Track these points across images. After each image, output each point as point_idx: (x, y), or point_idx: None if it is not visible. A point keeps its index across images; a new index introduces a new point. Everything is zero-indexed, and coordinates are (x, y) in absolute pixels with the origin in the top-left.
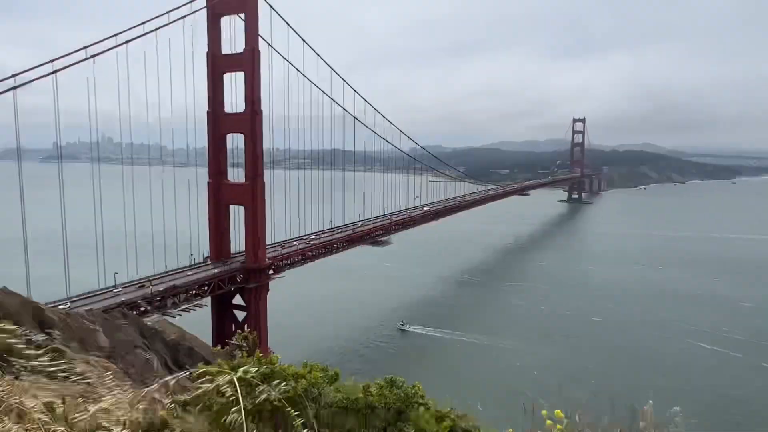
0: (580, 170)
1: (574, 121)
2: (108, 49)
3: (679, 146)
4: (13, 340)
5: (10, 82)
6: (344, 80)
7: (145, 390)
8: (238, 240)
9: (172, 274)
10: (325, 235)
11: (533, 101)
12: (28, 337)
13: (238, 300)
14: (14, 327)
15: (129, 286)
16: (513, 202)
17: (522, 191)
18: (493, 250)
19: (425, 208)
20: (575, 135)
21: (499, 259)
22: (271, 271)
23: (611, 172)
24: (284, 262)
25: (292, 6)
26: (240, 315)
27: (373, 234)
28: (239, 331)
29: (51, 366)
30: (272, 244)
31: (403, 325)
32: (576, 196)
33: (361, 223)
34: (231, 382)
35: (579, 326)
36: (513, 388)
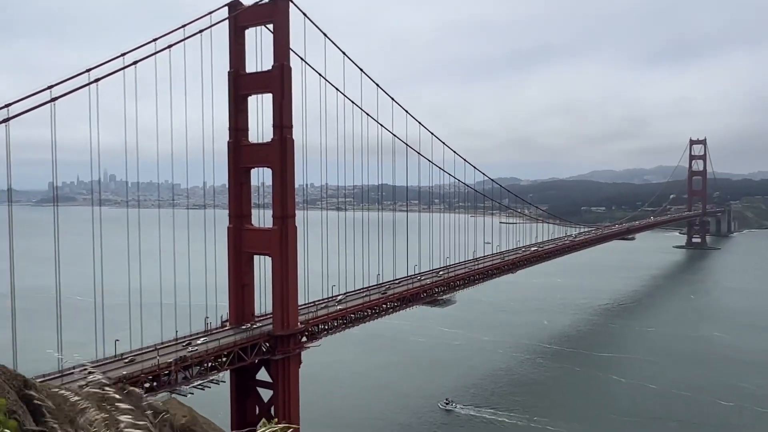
0: (701, 206)
1: (691, 143)
2: (113, 72)
3: None
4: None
5: (2, 114)
6: (393, 99)
7: None
8: (263, 299)
9: (183, 342)
10: (372, 292)
11: (623, 119)
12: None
13: (263, 374)
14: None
15: (132, 355)
16: (612, 249)
17: (625, 234)
18: (584, 312)
19: (497, 257)
20: (693, 161)
21: (593, 324)
22: (303, 338)
23: (744, 209)
24: (320, 326)
25: (315, 11)
26: (265, 393)
27: (431, 291)
28: (264, 420)
29: None
30: (305, 304)
31: (447, 403)
32: (698, 239)
33: (416, 277)
34: None
35: (700, 412)
36: None
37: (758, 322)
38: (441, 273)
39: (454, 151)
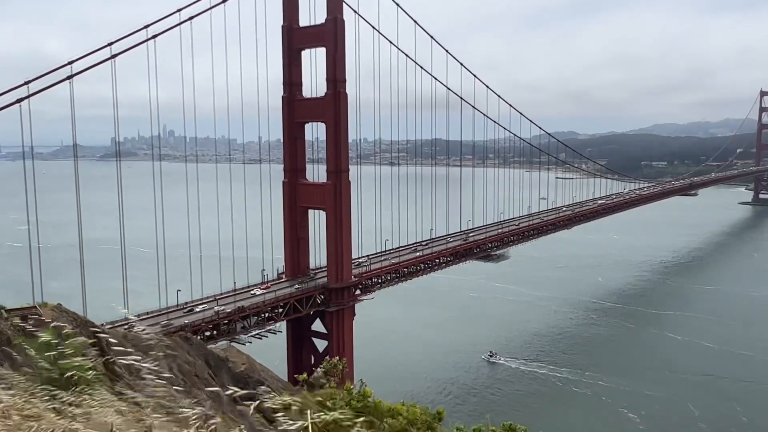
0: None
1: (762, 94)
2: (170, 28)
3: None
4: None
5: (66, 71)
6: (448, 52)
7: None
8: (318, 252)
9: (241, 293)
10: (425, 247)
11: (685, 70)
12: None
13: (318, 325)
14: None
15: (193, 305)
16: (674, 205)
17: (687, 190)
18: (642, 269)
19: (553, 213)
20: (764, 113)
21: (649, 281)
22: (357, 291)
23: None
24: (373, 279)
25: None
26: (320, 343)
27: (484, 246)
28: (327, 358)
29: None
30: (359, 257)
31: (492, 356)
32: (766, 195)
33: (470, 232)
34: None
35: (755, 371)
36: None
37: None
38: (495, 228)
39: (510, 104)
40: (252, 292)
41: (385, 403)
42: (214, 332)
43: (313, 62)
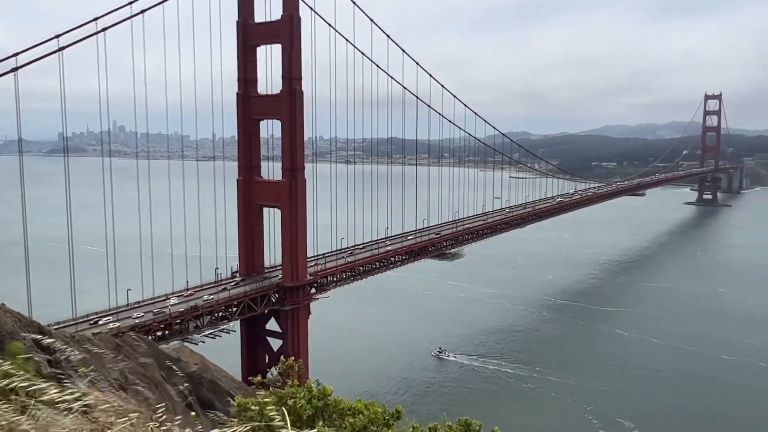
0: (714, 162)
1: (706, 98)
2: (120, 21)
3: None
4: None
5: (10, 63)
6: (404, 51)
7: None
8: (273, 250)
9: (194, 292)
10: (380, 245)
11: (633, 72)
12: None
13: (273, 324)
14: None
15: (144, 305)
16: (622, 205)
17: (636, 190)
18: (590, 267)
19: (506, 212)
20: (707, 116)
21: (598, 279)
22: (312, 290)
23: (757, 165)
24: (329, 278)
25: None
26: (275, 343)
27: (439, 245)
28: (282, 357)
29: (61, 400)
30: (314, 256)
31: (441, 352)
32: (708, 196)
33: (425, 231)
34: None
35: (701, 366)
36: None
37: (763, 279)
38: (449, 227)
39: (465, 104)
40: (169, 301)
41: (345, 402)
42: (166, 332)
43: (269, 59)
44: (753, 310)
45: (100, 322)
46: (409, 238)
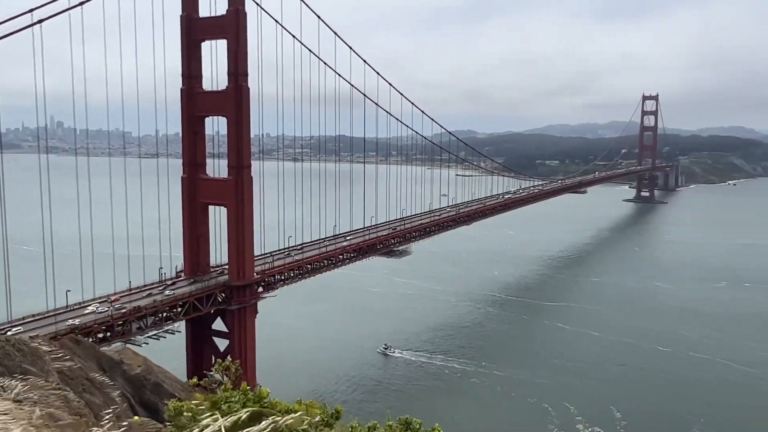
0: (651, 161)
1: (644, 98)
2: (58, 13)
3: None
4: None
5: None
6: (352, 49)
7: None
8: (219, 249)
9: (137, 292)
10: (328, 243)
11: (575, 73)
12: None
13: (219, 324)
14: None
15: (84, 306)
16: (565, 202)
17: (578, 188)
18: (534, 263)
19: (453, 210)
20: (645, 116)
21: (542, 275)
22: (260, 289)
23: (691, 164)
24: (276, 277)
25: None
26: (222, 343)
27: (387, 242)
28: (219, 360)
29: None
30: (261, 254)
31: (386, 348)
32: (646, 193)
33: (373, 228)
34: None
35: (639, 357)
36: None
37: (697, 273)
38: (397, 224)
39: (412, 102)
40: (90, 308)
41: (283, 403)
42: (108, 334)
43: (214, 54)
44: (685, 304)
45: (38, 325)
46: (358, 235)
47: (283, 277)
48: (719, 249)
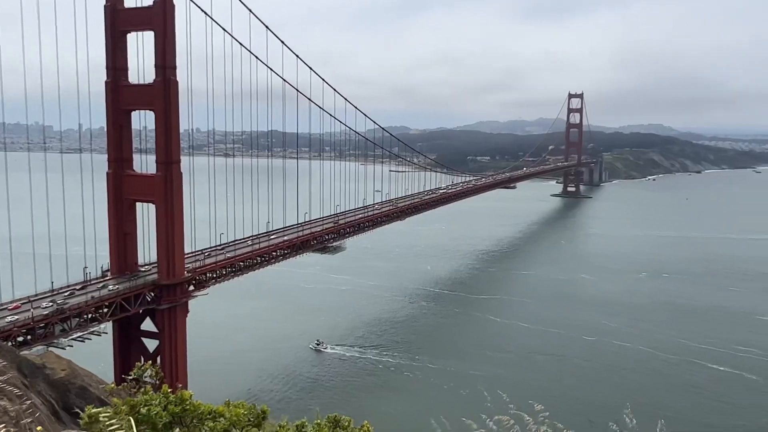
0: (577, 157)
1: (570, 96)
2: None
3: (693, 127)
4: None
5: None
6: (284, 43)
7: None
8: (147, 247)
9: (60, 293)
10: (261, 240)
11: (502, 71)
12: None
13: (148, 324)
14: None
15: (2, 308)
16: (495, 197)
17: (508, 183)
18: (466, 257)
19: (388, 205)
20: (571, 114)
21: (474, 268)
22: (191, 287)
23: (614, 160)
24: (208, 275)
25: None
26: (151, 344)
27: (321, 238)
28: (137, 363)
29: None
30: (192, 252)
31: (318, 344)
32: (572, 188)
33: (307, 224)
34: (128, 428)
35: (566, 346)
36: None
37: (619, 265)
38: (329, 221)
39: (345, 98)
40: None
41: (206, 405)
42: (29, 337)
43: (141, 46)
44: (609, 295)
45: None
46: (291, 232)
47: (214, 275)
48: (640, 241)
